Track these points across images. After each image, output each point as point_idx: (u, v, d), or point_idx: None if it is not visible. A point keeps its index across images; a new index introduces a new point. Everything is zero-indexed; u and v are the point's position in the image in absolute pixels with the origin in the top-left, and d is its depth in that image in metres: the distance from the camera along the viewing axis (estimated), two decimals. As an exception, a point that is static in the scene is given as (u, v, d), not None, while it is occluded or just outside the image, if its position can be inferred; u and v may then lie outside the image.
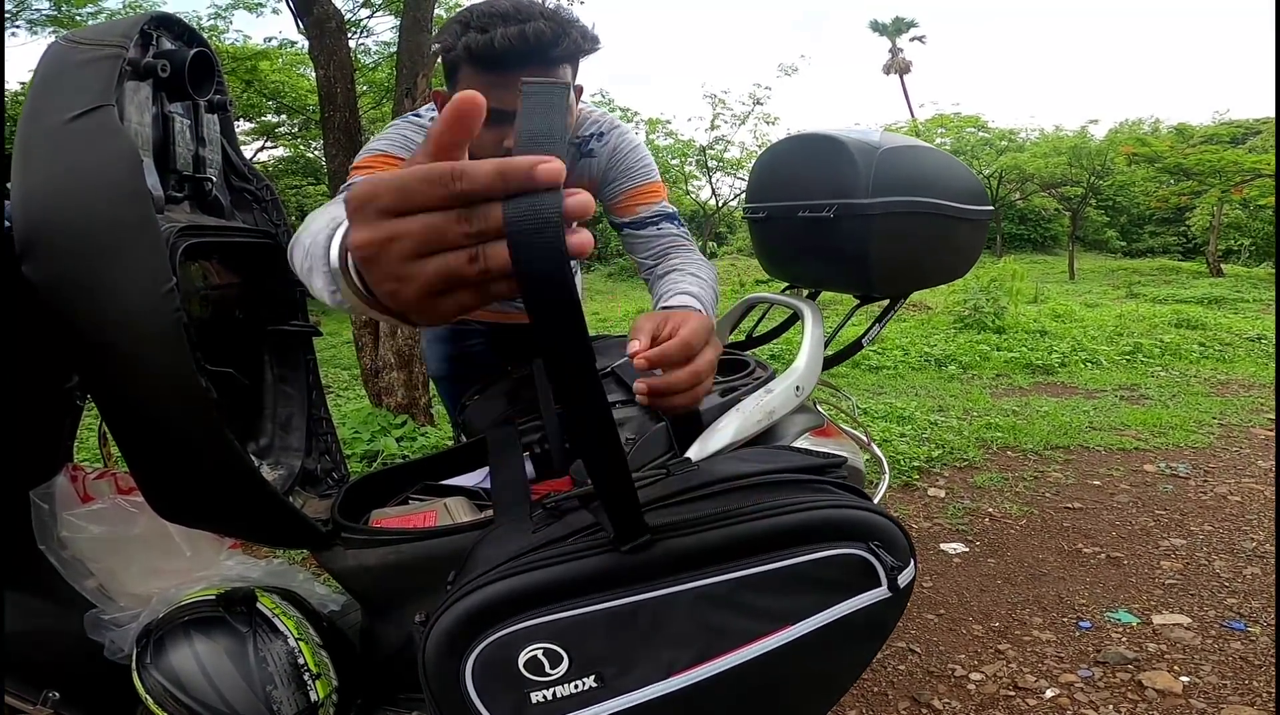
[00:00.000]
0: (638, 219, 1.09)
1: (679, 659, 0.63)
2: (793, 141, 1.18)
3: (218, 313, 0.94)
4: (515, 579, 0.64)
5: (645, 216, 1.09)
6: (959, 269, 1.11)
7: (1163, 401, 4.09)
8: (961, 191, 1.03)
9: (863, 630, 0.68)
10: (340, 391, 5.16)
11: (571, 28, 0.86)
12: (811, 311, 1.06)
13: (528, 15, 0.84)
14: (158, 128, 0.87)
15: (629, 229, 1.11)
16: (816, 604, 0.65)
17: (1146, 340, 5.73)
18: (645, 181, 1.10)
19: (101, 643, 0.87)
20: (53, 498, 0.85)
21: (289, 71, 9.54)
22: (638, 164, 1.09)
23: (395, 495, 1.11)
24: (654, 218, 1.09)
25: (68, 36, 0.74)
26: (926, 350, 5.44)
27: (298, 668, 0.88)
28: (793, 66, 9.26)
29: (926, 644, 1.81)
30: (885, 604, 0.67)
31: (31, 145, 0.66)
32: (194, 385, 0.64)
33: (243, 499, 0.76)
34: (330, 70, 3.37)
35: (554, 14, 0.85)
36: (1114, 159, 13.23)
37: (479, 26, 0.83)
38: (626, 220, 1.10)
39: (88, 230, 0.63)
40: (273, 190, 1.09)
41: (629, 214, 1.10)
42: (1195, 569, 2.14)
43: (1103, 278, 12.91)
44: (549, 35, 0.83)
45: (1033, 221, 18.79)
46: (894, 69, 30.00)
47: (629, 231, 1.11)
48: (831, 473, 0.73)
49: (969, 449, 3.23)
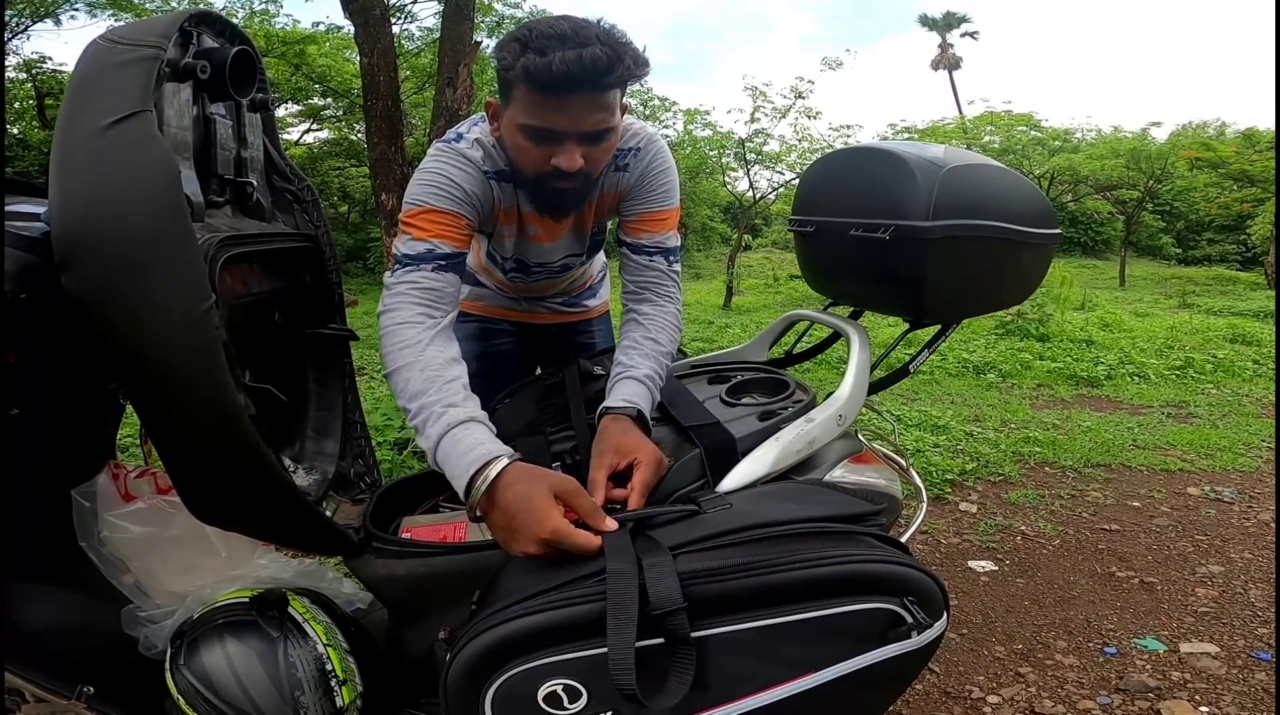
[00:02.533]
0: (638, 244, 1.12)
1: (697, 701, 0.64)
2: (849, 154, 1.13)
3: (257, 317, 0.95)
4: (540, 616, 0.65)
5: (645, 244, 1.12)
6: (1020, 295, 1.06)
7: (1212, 421, 3.92)
8: (1028, 213, 0.97)
9: (885, 679, 0.67)
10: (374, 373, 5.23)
11: (625, 53, 0.87)
12: (858, 335, 1.02)
13: (585, 39, 0.84)
14: (198, 130, 0.86)
15: (627, 249, 1.14)
16: (841, 653, 0.65)
17: (1198, 355, 5.50)
18: (661, 207, 1.12)
19: (136, 638, 0.89)
20: (94, 496, 0.87)
21: (336, 56, 9.68)
22: (660, 188, 1.11)
23: (426, 500, 1.12)
24: (652, 249, 1.12)
25: (106, 35, 0.73)
26: (965, 356, 5.30)
27: (325, 674, 0.89)
28: (837, 60, 9.04)
29: (946, 663, 1.77)
30: (911, 655, 0.66)
31: (69, 151, 0.65)
32: (232, 403, 0.64)
33: (278, 509, 0.77)
34: (374, 59, 3.40)
35: (610, 38, 0.86)
36: (1174, 163, 12.70)
37: (538, 49, 0.84)
38: (629, 241, 1.13)
39: (125, 245, 0.62)
40: (313, 191, 1.10)
41: (633, 235, 1.12)
42: (1230, 597, 2.06)
43: (1155, 286, 12.44)
44: (604, 62, 0.84)
45: (1084, 224, 18.19)
46: (943, 64, 29.21)
47: (626, 251, 1.14)
48: (869, 521, 0.70)
49: (1005, 463, 3.14)
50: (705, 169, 10.55)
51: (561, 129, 0.89)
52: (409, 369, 0.88)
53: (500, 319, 1.44)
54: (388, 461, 2.86)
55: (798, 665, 0.64)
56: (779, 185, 10.55)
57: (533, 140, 0.91)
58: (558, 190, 0.95)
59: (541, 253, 1.19)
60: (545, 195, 0.99)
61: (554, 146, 0.90)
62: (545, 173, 0.93)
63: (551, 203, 1.02)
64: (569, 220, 1.14)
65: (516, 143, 0.93)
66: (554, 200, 1.00)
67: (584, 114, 0.88)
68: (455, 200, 0.97)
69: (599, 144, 0.92)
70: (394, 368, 0.90)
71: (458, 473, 0.80)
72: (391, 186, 3.38)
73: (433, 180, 0.98)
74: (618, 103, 0.92)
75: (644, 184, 1.09)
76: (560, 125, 0.88)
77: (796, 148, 9.62)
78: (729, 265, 9.86)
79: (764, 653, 0.64)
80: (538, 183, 0.96)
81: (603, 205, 1.14)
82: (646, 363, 1.01)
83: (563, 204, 1.03)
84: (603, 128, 0.91)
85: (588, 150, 0.91)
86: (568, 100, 0.87)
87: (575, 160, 0.90)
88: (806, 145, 9.52)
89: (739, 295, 10.00)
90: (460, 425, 0.83)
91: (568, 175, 0.91)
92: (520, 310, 1.44)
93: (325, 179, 12.40)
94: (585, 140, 0.90)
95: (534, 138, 0.90)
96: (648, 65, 0.91)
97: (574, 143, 0.90)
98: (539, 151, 0.91)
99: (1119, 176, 13.05)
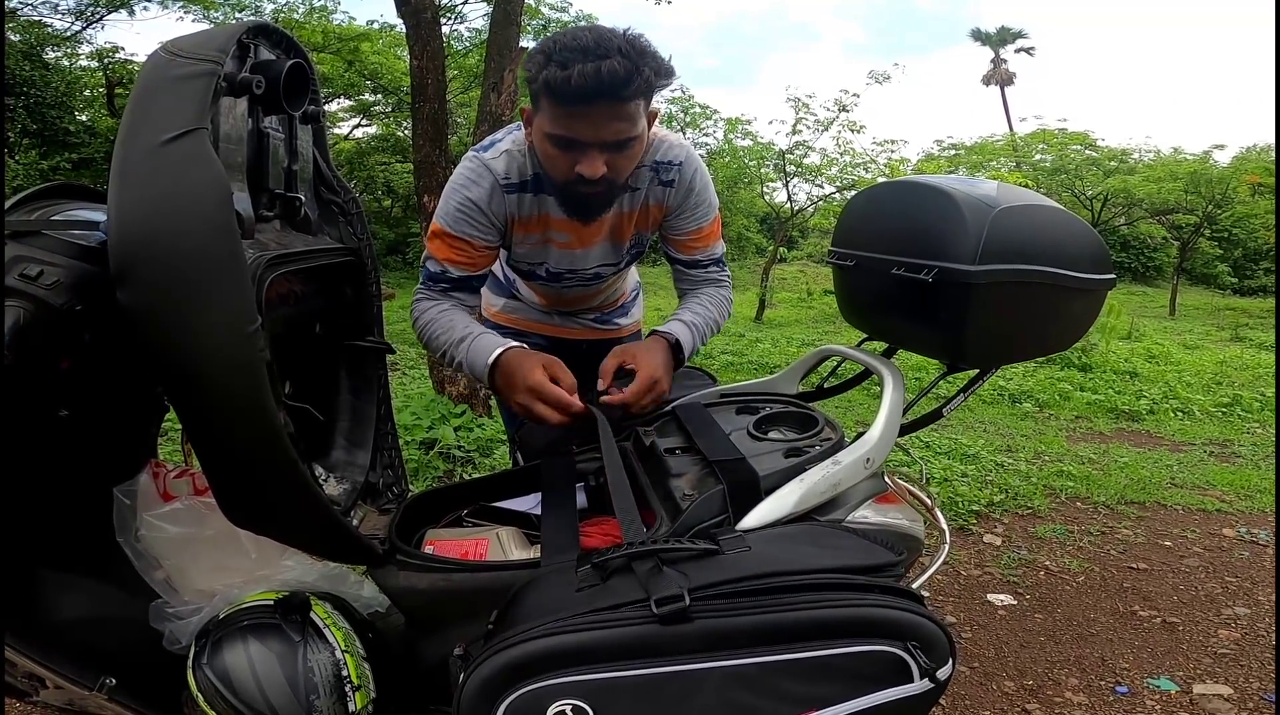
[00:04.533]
0: (691, 260, 1.23)
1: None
2: (895, 187, 1.10)
3: (298, 327, 0.97)
4: (555, 638, 0.68)
5: (700, 259, 1.23)
6: (1067, 341, 1.02)
7: (1254, 462, 3.77)
8: (1081, 257, 0.94)
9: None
10: (406, 369, 5.31)
11: (645, 64, 0.91)
12: (892, 376, 0.99)
13: (606, 50, 0.89)
14: (252, 144, 0.88)
15: (680, 267, 1.24)
16: (845, 693, 0.66)
17: (1247, 392, 5.29)
18: (707, 222, 1.20)
19: (161, 633, 0.91)
20: (135, 495, 0.90)
21: (388, 54, 9.88)
22: (704, 204, 1.18)
23: (449, 512, 1.13)
24: (705, 262, 1.23)
25: (166, 46, 0.75)
26: (1001, 384, 5.18)
27: (341, 679, 0.91)
28: (884, 74, 8.91)
29: (953, 696, 1.75)
30: (916, 699, 0.68)
31: (128, 165, 0.67)
32: (272, 421, 0.66)
33: (309, 521, 0.79)
34: (424, 61, 3.46)
35: (631, 48, 0.90)
36: (1236, 188, 12.24)
37: (560, 61, 0.89)
38: (683, 257, 1.23)
39: (177, 264, 0.64)
40: (358, 203, 1.12)
41: (687, 253, 1.22)
42: (1252, 640, 2.01)
43: (1207, 316, 12.01)
44: (622, 75, 0.89)
45: (1136, 249, 17.62)
46: (995, 80, 28.63)
47: (680, 268, 1.25)
48: (886, 572, 0.71)
49: (1034, 496, 3.07)
50: (744, 179, 10.49)
51: (584, 138, 0.95)
52: (434, 324, 1.10)
53: (533, 333, 1.47)
54: (414, 461, 2.91)
55: (802, 702, 0.66)
56: (818, 199, 10.44)
57: (558, 148, 0.97)
58: (584, 195, 1.03)
59: (572, 259, 1.22)
60: (572, 199, 1.06)
61: (578, 154, 0.97)
62: (571, 179, 1.00)
63: (579, 207, 1.08)
64: (603, 229, 1.18)
65: (545, 150, 1.00)
66: (581, 204, 1.07)
67: (604, 124, 0.94)
68: (470, 223, 1.09)
69: (622, 152, 0.98)
70: (422, 330, 1.12)
71: (478, 363, 1.04)
72: (434, 188, 3.43)
73: (454, 197, 1.09)
74: (640, 112, 0.97)
75: (690, 202, 1.15)
76: (582, 134, 0.95)
77: (838, 161, 9.52)
78: (763, 278, 9.79)
79: (769, 688, 0.66)
80: (565, 188, 1.03)
81: (646, 218, 1.18)
82: (694, 311, 1.18)
83: (590, 208, 1.09)
84: (624, 137, 0.96)
85: (611, 158, 0.98)
86: (588, 111, 0.92)
87: (598, 168, 0.97)
88: (848, 159, 9.41)
89: (771, 308, 9.92)
90: (480, 335, 1.07)
91: (592, 181, 0.98)
92: (553, 325, 1.47)
93: (371, 173, 12.67)
94: (607, 148, 0.96)
95: (559, 146, 0.97)
96: (671, 75, 0.96)
97: (596, 151, 0.96)
98: (564, 159, 0.98)
99: (1176, 200, 12.62)
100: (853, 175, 9.36)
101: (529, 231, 1.16)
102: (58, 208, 0.82)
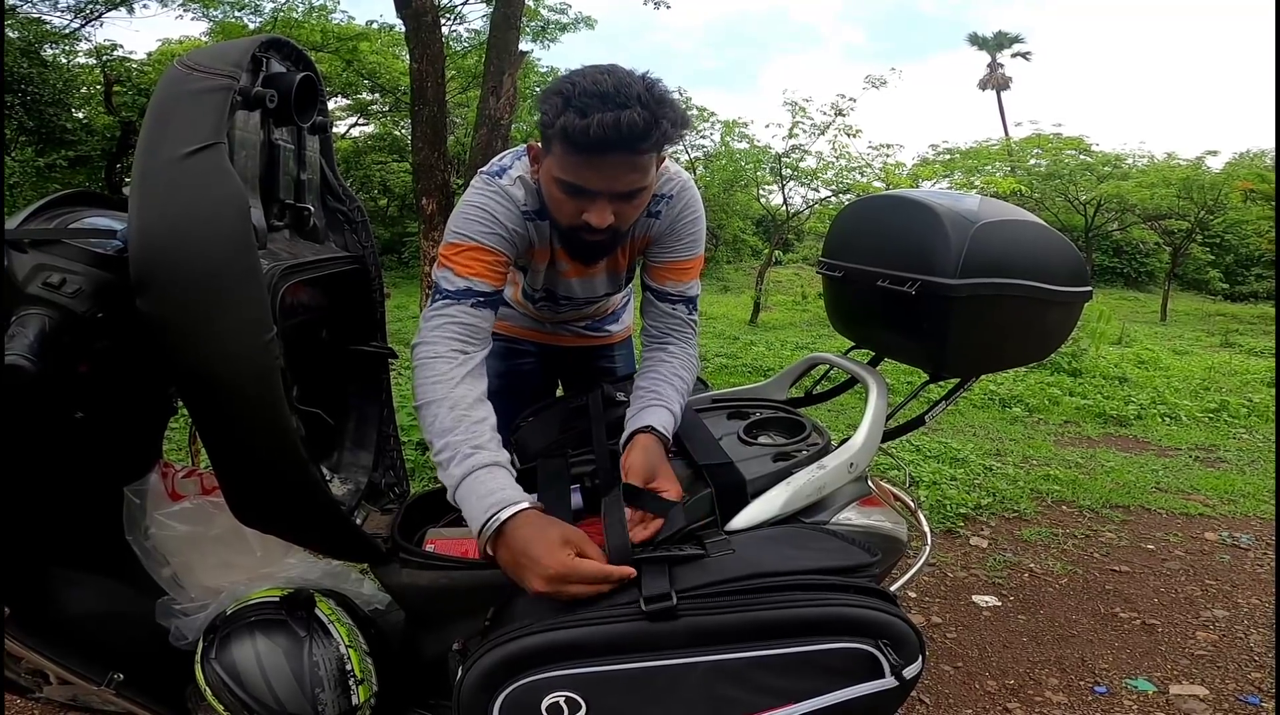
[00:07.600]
0: (662, 291, 1.15)
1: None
2: (883, 201, 1.14)
3: (306, 333, 1.00)
4: (550, 634, 0.73)
5: (670, 293, 1.15)
6: (1044, 351, 1.06)
7: (1240, 467, 3.83)
8: (1059, 271, 0.97)
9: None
10: (404, 368, 5.32)
11: (664, 116, 0.88)
12: (877, 384, 1.03)
13: (625, 99, 0.85)
14: (263, 155, 0.91)
15: (651, 294, 1.17)
16: (819, 688, 0.72)
17: (1234, 398, 5.35)
18: (687, 256, 1.14)
19: (167, 629, 0.94)
20: (144, 494, 0.93)
21: (386, 53, 9.88)
22: (689, 237, 1.13)
23: (450, 512, 1.17)
24: (675, 297, 1.15)
25: (184, 61, 0.77)
26: (991, 388, 5.23)
27: (344, 673, 0.94)
28: (881, 79, 8.97)
29: (937, 695, 1.80)
30: (886, 694, 0.73)
31: (149, 177, 0.70)
32: (286, 425, 0.69)
33: (317, 520, 0.82)
34: (424, 64, 3.49)
35: (651, 98, 0.87)
36: (1228, 194, 12.32)
37: (579, 108, 0.86)
38: (654, 286, 1.16)
39: (197, 275, 0.67)
40: (363, 211, 1.15)
41: (659, 282, 1.15)
42: (1230, 642, 2.06)
43: (1197, 322, 12.10)
44: (641, 127, 0.85)
45: (1128, 255, 17.73)
46: (991, 84, 28.75)
47: (650, 296, 1.17)
48: (861, 572, 0.75)
49: (1021, 500, 3.11)
50: (740, 182, 10.52)
51: (594, 188, 0.91)
52: (439, 405, 0.91)
53: (524, 339, 1.48)
54: (412, 460, 2.93)
55: (781, 695, 0.71)
56: (813, 202, 10.49)
57: (567, 194, 0.94)
58: (588, 242, 0.99)
59: (570, 288, 1.23)
60: (576, 244, 1.03)
61: (586, 202, 0.93)
62: (576, 225, 0.96)
63: (581, 252, 1.07)
64: (601, 264, 1.18)
65: (552, 193, 0.96)
66: (583, 250, 1.05)
67: (618, 175, 0.91)
68: (498, 238, 1.01)
69: (630, 202, 0.95)
70: (424, 401, 0.93)
71: (475, 514, 0.83)
72: (432, 191, 3.47)
73: (477, 216, 1.01)
74: (654, 163, 0.95)
75: (673, 232, 1.12)
76: (593, 184, 0.91)
77: (834, 165, 9.56)
78: (758, 280, 9.83)
79: (750, 681, 0.71)
80: (569, 233, 1.00)
81: (634, 248, 1.17)
82: (675, 397, 1.07)
83: (592, 254, 1.08)
84: (635, 188, 0.93)
85: (619, 207, 0.94)
86: (602, 161, 0.89)
87: (606, 217, 0.93)
88: (844, 163, 9.46)
89: (766, 311, 9.94)
90: (484, 468, 0.86)
91: (598, 229, 0.94)
92: (544, 332, 1.47)
93: (368, 172, 12.67)
94: (617, 199, 0.93)
95: (567, 192, 0.93)
96: (687, 124, 0.92)
97: (605, 200, 0.92)
98: (572, 205, 0.95)
99: (1169, 206, 12.68)
100: (848, 179, 9.41)
101: (541, 259, 1.15)
102: (75, 215, 0.84)
